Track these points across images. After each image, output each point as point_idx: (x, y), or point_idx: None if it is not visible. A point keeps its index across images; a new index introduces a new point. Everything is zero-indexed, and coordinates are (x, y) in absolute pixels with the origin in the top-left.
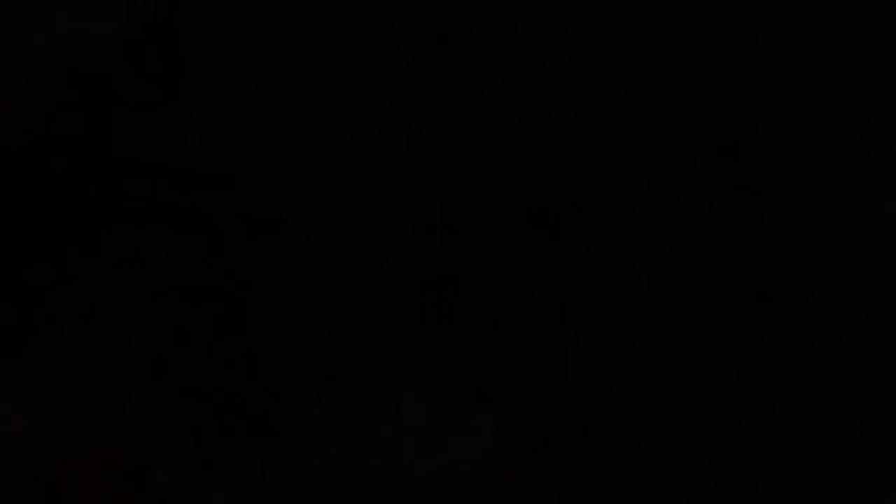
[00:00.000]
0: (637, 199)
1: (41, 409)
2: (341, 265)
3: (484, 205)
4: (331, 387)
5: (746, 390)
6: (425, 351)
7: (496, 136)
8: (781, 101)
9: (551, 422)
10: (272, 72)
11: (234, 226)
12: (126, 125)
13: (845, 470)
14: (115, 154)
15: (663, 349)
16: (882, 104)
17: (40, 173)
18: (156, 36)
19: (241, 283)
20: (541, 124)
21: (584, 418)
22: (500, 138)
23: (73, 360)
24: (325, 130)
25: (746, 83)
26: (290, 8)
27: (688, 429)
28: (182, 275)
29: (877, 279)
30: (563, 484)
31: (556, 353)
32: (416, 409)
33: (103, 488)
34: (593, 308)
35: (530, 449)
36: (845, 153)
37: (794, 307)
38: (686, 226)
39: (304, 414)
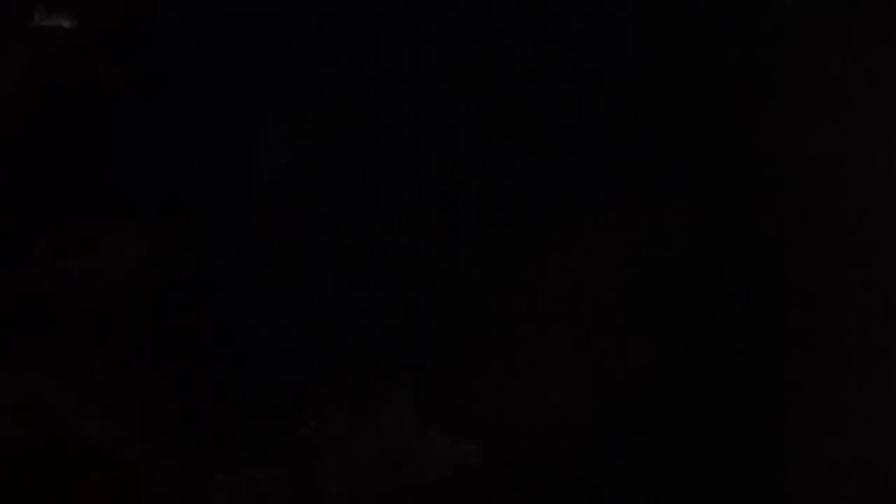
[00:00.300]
0: (637, 198)
1: (41, 408)
2: (341, 264)
3: (483, 203)
4: (330, 387)
5: (746, 390)
6: (424, 350)
7: (492, 134)
8: (781, 100)
9: (550, 422)
10: (271, 70)
11: (233, 225)
12: (120, 123)
13: (845, 471)
14: (112, 151)
15: (663, 349)
16: (882, 104)
17: (33, 171)
18: (148, 34)
19: (240, 283)
20: (538, 123)
21: (584, 418)
22: (499, 137)
23: (72, 358)
24: (315, 129)
25: (746, 83)
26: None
27: (688, 429)
28: (180, 274)
29: (877, 279)
30: (562, 484)
31: (555, 353)
32: (414, 408)
33: (103, 488)
34: (593, 307)
35: (529, 449)
36: (845, 153)
37: (794, 307)
38: (685, 226)
39: (303, 414)
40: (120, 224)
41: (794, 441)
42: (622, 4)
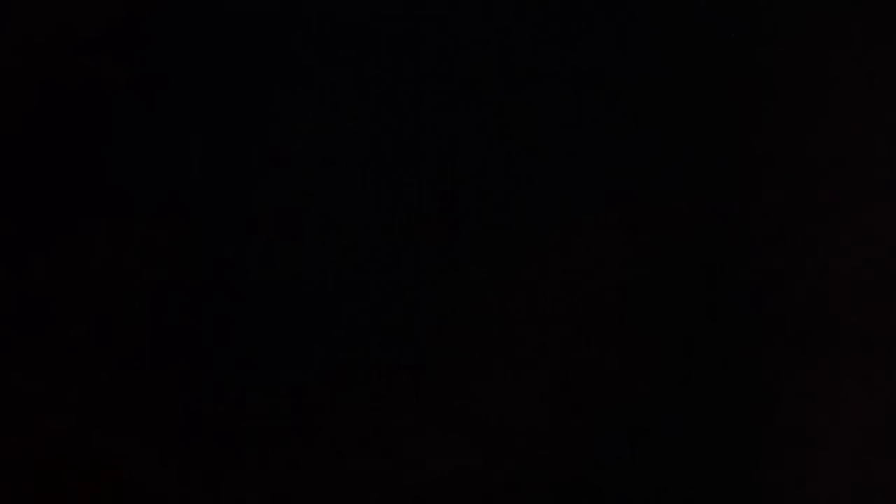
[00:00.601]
0: (637, 198)
1: (38, 407)
2: (341, 264)
3: (483, 203)
4: (330, 387)
5: (746, 391)
6: (424, 350)
7: (492, 134)
8: (781, 100)
9: (550, 422)
10: (271, 70)
11: (234, 225)
12: (121, 123)
13: (844, 471)
14: (112, 151)
15: (663, 349)
16: (882, 104)
17: (33, 171)
18: (148, 34)
19: (240, 283)
20: (538, 123)
21: (584, 418)
22: (499, 137)
23: (72, 358)
24: (316, 129)
25: (746, 83)
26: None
27: (687, 429)
28: (180, 274)
29: (877, 279)
30: (562, 484)
31: (555, 353)
32: (414, 408)
33: (103, 488)
34: (593, 308)
35: (529, 449)
36: (845, 153)
37: (794, 307)
38: (685, 226)
39: (303, 414)
40: (120, 224)
41: (793, 441)
42: (622, 4)
